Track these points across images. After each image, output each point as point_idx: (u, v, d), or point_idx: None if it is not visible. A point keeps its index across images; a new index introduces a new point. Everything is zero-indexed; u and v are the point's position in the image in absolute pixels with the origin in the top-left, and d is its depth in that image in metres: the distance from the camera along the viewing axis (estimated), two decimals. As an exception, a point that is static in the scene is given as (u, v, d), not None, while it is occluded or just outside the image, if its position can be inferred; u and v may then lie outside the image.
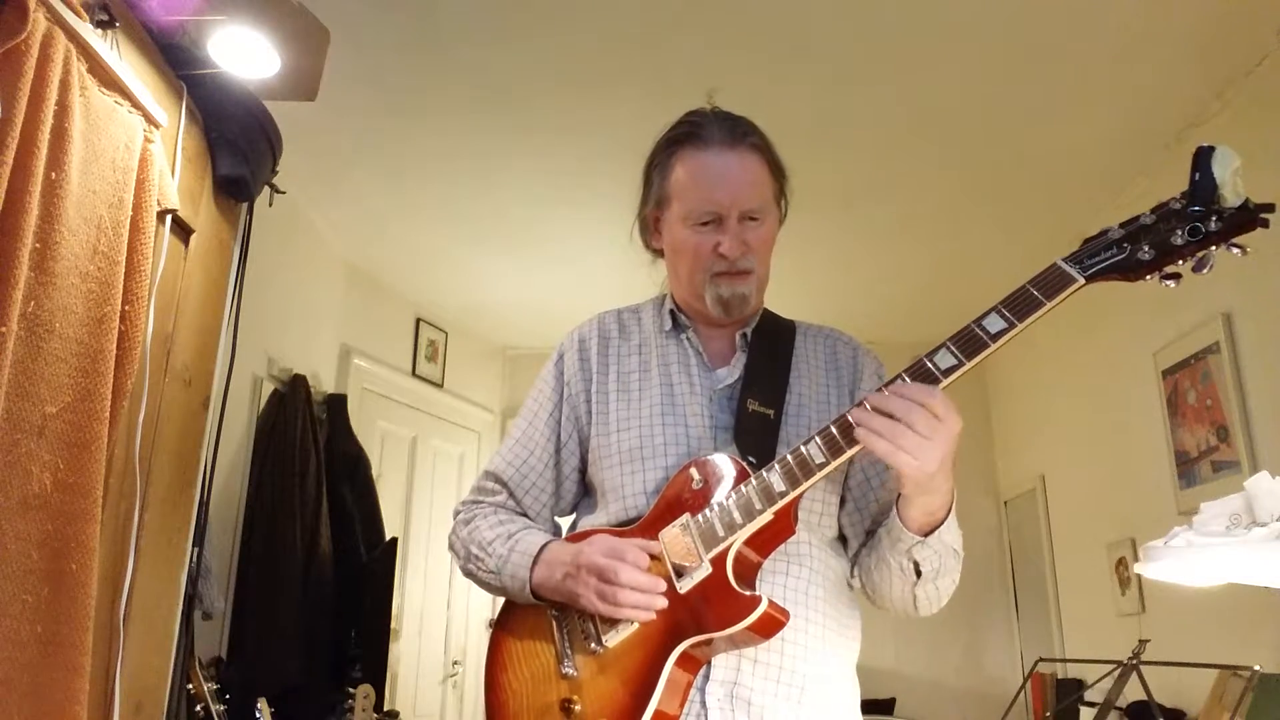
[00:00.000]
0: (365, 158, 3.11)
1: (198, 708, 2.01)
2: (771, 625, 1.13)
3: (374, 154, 3.09)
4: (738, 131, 1.32)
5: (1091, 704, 2.75)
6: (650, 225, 1.41)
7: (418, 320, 4.36)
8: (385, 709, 3.08)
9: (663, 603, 1.15)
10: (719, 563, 1.14)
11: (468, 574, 1.37)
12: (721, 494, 1.18)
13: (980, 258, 3.71)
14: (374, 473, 3.52)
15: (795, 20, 2.37)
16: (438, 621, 4.24)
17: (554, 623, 1.26)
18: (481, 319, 4.58)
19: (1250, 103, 2.51)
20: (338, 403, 3.47)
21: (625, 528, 1.26)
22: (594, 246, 3.72)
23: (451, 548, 1.41)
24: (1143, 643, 2.25)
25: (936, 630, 4.29)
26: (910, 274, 3.92)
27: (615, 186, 3.27)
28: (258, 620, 2.76)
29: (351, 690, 2.59)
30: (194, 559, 1.92)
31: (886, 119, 2.81)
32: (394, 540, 3.37)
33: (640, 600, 1.14)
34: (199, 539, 1.94)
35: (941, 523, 1.15)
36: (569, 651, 1.23)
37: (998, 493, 4.59)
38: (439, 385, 4.45)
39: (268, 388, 3.11)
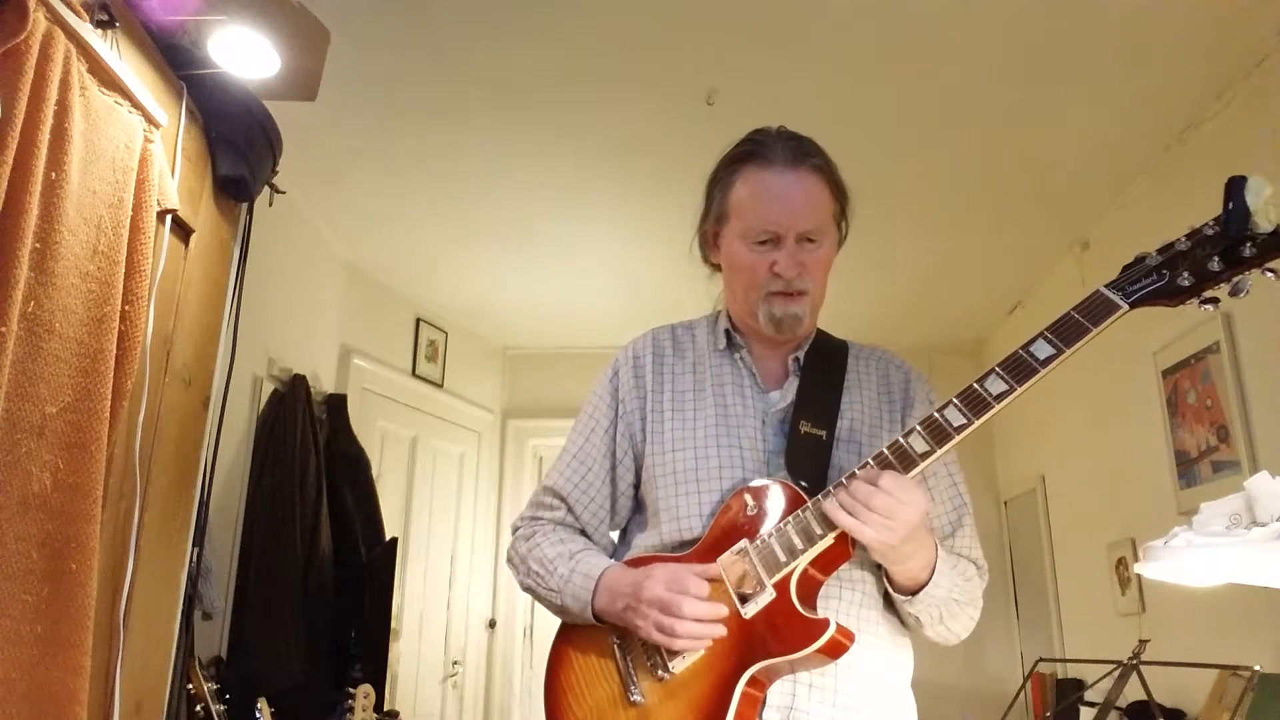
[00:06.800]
0: (365, 158, 3.11)
1: (198, 708, 2.01)
2: (838, 648, 1.15)
3: (374, 154, 3.08)
4: (800, 152, 1.34)
5: (1091, 704, 2.75)
6: (709, 240, 1.44)
7: (418, 320, 4.36)
8: (385, 709, 3.07)
9: (721, 631, 1.16)
10: (783, 587, 1.17)
11: (527, 589, 1.39)
12: (777, 519, 1.20)
13: (980, 258, 3.70)
14: (374, 473, 3.52)
15: (796, 21, 2.36)
16: (438, 621, 4.24)
17: (616, 647, 1.27)
18: (481, 319, 4.58)
19: (1250, 103, 2.51)
20: (338, 403, 3.47)
21: (681, 552, 1.28)
22: (594, 246, 3.72)
23: (510, 562, 1.43)
24: (1143, 643, 2.25)
25: (936, 630, 4.29)
26: (910, 274, 3.92)
27: (615, 186, 3.28)
28: (258, 620, 2.76)
29: (351, 690, 2.58)
30: (194, 559, 1.92)
31: (886, 119, 2.81)
32: (394, 540, 3.37)
33: (699, 631, 1.15)
34: (199, 539, 1.94)
35: (927, 583, 1.21)
36: (634, 677, 1.23)
37: (998, 493, 4.59)
38: (439, 385, 4.45)
39: (268, 388, 3.11)
